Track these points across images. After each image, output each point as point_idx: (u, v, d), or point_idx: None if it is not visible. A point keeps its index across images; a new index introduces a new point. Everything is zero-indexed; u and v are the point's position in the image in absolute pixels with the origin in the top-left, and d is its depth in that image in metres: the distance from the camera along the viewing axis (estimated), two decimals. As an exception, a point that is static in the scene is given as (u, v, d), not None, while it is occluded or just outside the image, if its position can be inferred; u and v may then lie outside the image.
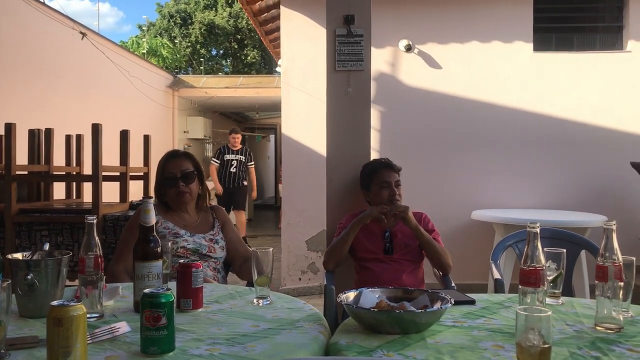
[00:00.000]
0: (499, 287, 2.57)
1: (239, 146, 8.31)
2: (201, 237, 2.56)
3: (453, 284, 2.66)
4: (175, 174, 2.58)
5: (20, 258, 1.63)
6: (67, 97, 6.98)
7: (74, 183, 4.20)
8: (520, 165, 5.37)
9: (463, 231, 5.21)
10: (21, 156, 3.73)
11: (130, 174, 3.80)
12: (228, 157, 8.16)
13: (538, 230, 1.47)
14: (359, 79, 3.25)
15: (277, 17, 6.23)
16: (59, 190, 4.21)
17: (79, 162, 4.18)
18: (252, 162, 8.43)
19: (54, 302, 1.20)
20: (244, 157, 8.25)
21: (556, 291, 1.76)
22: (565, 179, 5.34)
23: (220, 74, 21.87)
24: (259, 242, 8.71)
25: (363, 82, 3.26)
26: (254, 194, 8.64)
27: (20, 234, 3.46)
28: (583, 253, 4.05)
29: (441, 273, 2.78)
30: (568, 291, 2.67)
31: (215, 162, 8.18)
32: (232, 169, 8.12)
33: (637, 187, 5.03)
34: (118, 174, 3.74)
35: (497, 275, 2.66)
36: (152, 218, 1.69)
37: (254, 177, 8.47)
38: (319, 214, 4.14)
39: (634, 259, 1.60)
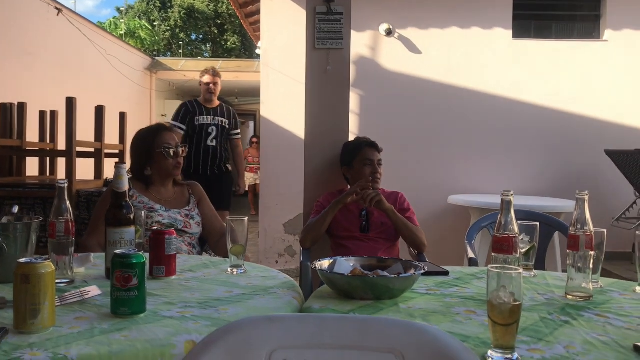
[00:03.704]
0: (473, 266, 2.59)
1: (217, 102, 4.90)
2: (177, 213, 2.53)
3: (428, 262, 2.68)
4: (172, 145, 2.56)
5: (-12, 222, 1.59)
6: (42, 74, 6.85)
7: (48, 160, 4.13)
8: (497, 151, 5.41)
9: (439, 215, 5.25)
10: (-8, 130, 3.66)
11: (106, 151, 3.75)
12: (201, 119, 4.72)
13: (512, 198, 1.48)
14: (338, 57, 3.24)
15: (257, 0, 6.17)
16: (32, 168, 4.13)
17: (53, 139, 4.11)
18: (239, 132, 5.06)
19: (21, 260, 1.18)
20: (227, 121, 4.85)
21: (529, 264, 1.78)
22: (541, 166, 5.41)
23: (199, 58, 21.65)
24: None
25: (342, 60, 3.25)
26: (242, 182, 5.18)
27: (-9, 209, 3.40)
28: (557, 239, 4.13)
29: (416, 252, 2.81)
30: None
31: (179, 129, 4.62)
32: (211, 142, 4.73)
33: (611, 175, 5.11)
34: (93, 150, 3.69)
35: (471, 254, 2.68)
36: (125, 184, 1.67)
37: (242, 155, 5.21)
38: (296, 197, 4.13)
39: (605, 230, 1.62)
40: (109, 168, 3.80)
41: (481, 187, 5.34)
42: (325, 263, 1.60)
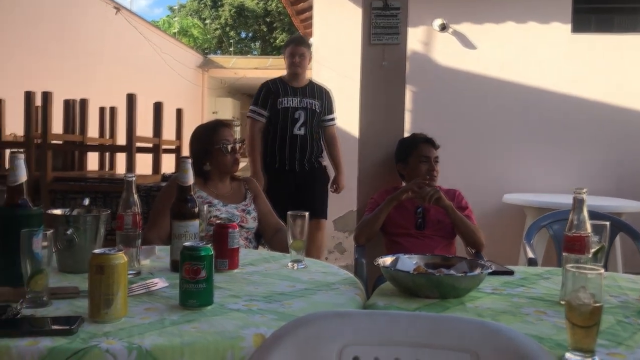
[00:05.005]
0: (532, 266, 2.53)
1: (306, 80, 4.00)
2: (233, 208, 2.56)
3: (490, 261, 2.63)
4: (232, 142, 2.59)
5: (60, 213, 1.64)
6: (101, 71, 7.05)
7: (107, 155, 4.25)
8: (554, 149, 5.25)
9: (494, 215, 5.13)
10: (56, 126, 3.78)
11: (163, 147, 3.83)
12: (287, 102, 3.79)
13: (585, 196, 1.43)
14: (394, 53, 3.21)
15: (309, -4, 6.18)
16: (92, 163, 4.26)
17: (112, 134, 4.23)
18: (334, 117, 4.12)
19: (96, 250, 1.21)
20: (319, 104, 3.91)
21: (598, 265, 1.72)
22: (600, 165, 5.21)
23: (249, 55, 21.89)
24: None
25: (398, 56, 3.22)
26: (341, 179, 4.09)
27: (55, 202, 3.51)
28: (617, 240, 3.98)
29: (473, 251, 2.75)
30: (604, 272, 2.61)
31: (260, 115, 3.78)
32: (298, 130, 3.79)
33: (675, 174, 4.90)
34: (151, 145, 3.77)
35: (530, 254, 2.62)
36: (190, 178, 1.70)
37: (338, 147, 4.13)
38: (346, 194, 4.11)
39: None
40: (165, 163, 3.89)
41: (537, 186, 5.20)
42: (387, 260, 1.58)
